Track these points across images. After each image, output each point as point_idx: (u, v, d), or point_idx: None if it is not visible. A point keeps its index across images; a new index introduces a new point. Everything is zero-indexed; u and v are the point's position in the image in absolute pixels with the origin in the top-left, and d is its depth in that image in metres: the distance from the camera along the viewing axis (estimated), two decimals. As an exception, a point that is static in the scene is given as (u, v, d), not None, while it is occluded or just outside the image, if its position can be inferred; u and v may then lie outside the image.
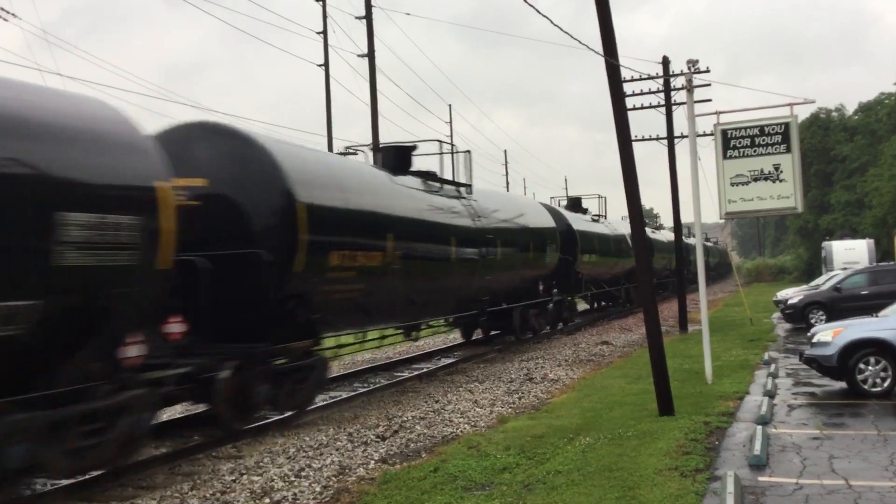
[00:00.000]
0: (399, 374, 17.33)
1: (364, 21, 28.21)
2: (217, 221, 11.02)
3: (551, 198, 31.95)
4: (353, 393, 14.57)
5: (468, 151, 19.51)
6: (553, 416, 11.52)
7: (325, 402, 13.48)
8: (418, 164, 17.36)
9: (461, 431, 10.89)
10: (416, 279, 15.29)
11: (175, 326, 9.65)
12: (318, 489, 8.17)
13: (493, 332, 22.79)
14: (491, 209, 19.65)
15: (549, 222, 24.33)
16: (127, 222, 8.16)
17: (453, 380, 15.99)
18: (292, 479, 8.57)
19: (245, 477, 8.70)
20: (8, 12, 18.95)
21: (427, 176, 17.15)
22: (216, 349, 10.51)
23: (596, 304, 35.99)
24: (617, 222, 36.00)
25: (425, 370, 17.47)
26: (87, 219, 7.72)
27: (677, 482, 7.52)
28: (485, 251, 18.31)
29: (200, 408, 13.19)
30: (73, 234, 7.59)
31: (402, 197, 15.34)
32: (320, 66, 31.09)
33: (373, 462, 9.27)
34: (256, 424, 11.43)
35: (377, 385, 15.59)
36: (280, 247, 11.21)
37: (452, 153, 19.15)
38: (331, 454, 9.66)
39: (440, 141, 19.09)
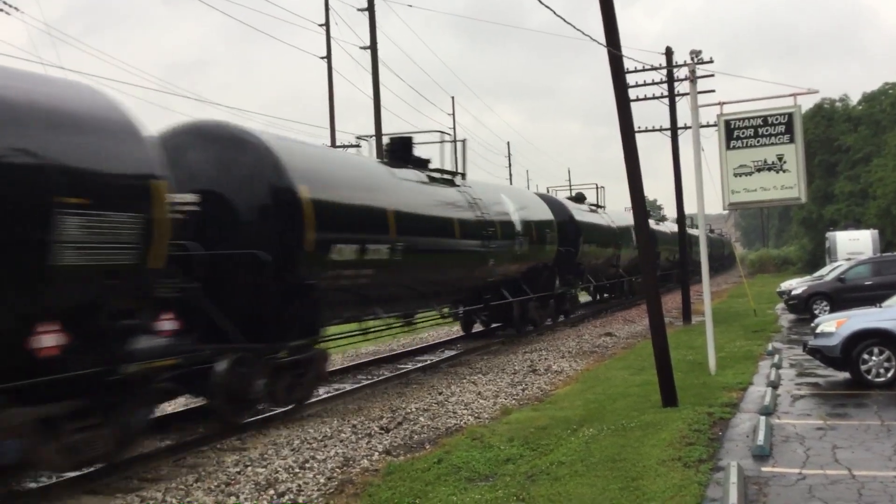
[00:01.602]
0: (402, 366, 17.35)
1: (366, 13, 28.17)
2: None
3: (387, 146, 17.60)
4: (356, 385, 14.60)
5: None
6: (556, 407, 11.54)
7: (329, 395, 13.52)
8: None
9: (465, 423, 10.91)
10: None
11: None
12: (322, 481, 8.20)
13: None
14: None
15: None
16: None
17: (457, 371, 16.01)
18: (297, 470, 8.60)
19: (250, 469, 8.74)
20: (10, 6, 18.94)
21: None
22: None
23: (482, 326, 22.95)
24: (497, 189, 21.51)
25: (429, 362, 17.48)
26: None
27: (680, 473, 7.53)
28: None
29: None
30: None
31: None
32: (323, 58, 31.07)
33: (377, 454, 9.29)
34: (257, 417, 11.44)
35: (381, 377, 15.61)
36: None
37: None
38: (335, 446, 9.69)
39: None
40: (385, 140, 17.17)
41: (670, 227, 44.47)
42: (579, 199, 31.51)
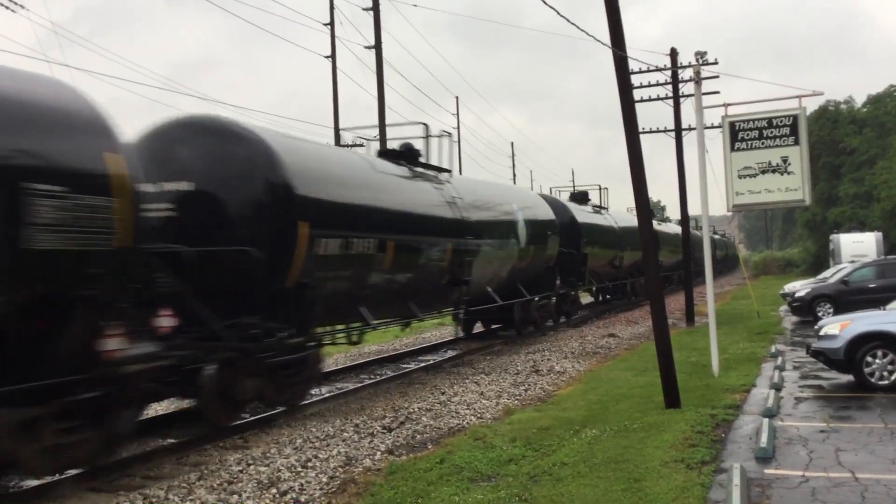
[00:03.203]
0: (405, 365, 17.35)
1: (371, 13, 28.19)
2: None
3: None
4: (359, 384, 14.61)
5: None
6: (559, 408, 11.53)
7: (332, 394, 13.52)
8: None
9: (467, 423, 10.91)
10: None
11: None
12: (324, 480, 8.20)
13: None
14: None
15: None
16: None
17: (459, 372, 16.00)
18: (299, 469, 8.60)
19: (252, 467, 8.74)
20: (16, 3, 18.99)
21: None
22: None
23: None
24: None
25: (431, 362, 17.48)
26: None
27: (683, 474, 7.53)
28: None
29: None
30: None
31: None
32: (327, 57, 31.09)
33: (379, 453, 9.29)
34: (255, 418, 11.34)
35: (383, 377, 15.62)
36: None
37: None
38: (337, 445, 9.69)
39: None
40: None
41: (615, 218, 32.64)
42: (406, 154, 16.60)
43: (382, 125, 27.55)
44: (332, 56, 30.99)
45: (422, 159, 16.91)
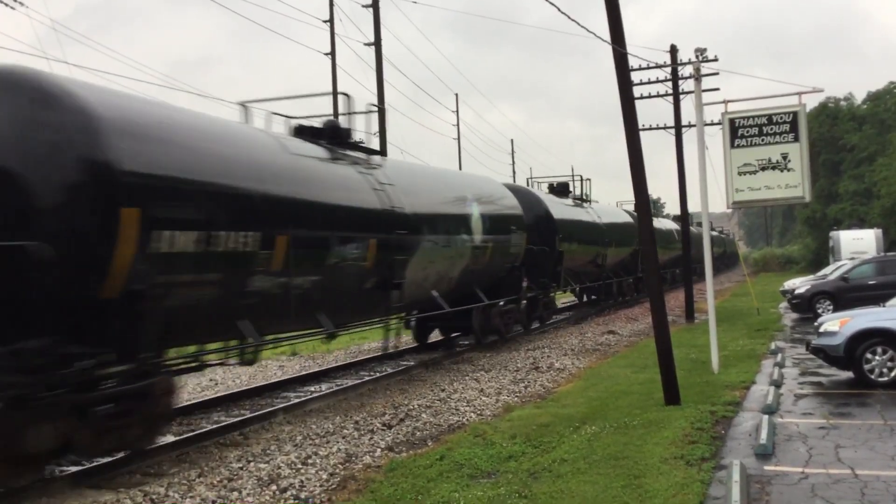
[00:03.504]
0: (405, 362, 17.36)
1: (370, 10, 28.17)
2: None
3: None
4: (359, 381, 14.61)
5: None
6: (559, 404, 11.54)
7: (332, 390, 13.53)
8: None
9: (467, 420, 10.92)
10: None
11: None
12: (324, 476, 8.21)
13: None
14: None
15: None
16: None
17: (459, 369, 16.01)
18: (299, 466, 8.61)
19: (252, 464, 8.75)
20: (16, 0, 18.98)
21: None
22: None
23: None
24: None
25: (431, 359, 17.48)
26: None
27: (683, 471, 7.53)
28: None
29: (210, 393, 13.24)
30: None
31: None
32: (327, 54, 31.06)
33: (379, 450, 9.30)
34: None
35: (383, 373, 15.63)
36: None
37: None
38: (337, 442, 9.70)
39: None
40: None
41: (599, 212, 29.65)
42: (328, 133, 13.80)
43: (382, 120, 27.53)
44: (332, 53, 30.97)
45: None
